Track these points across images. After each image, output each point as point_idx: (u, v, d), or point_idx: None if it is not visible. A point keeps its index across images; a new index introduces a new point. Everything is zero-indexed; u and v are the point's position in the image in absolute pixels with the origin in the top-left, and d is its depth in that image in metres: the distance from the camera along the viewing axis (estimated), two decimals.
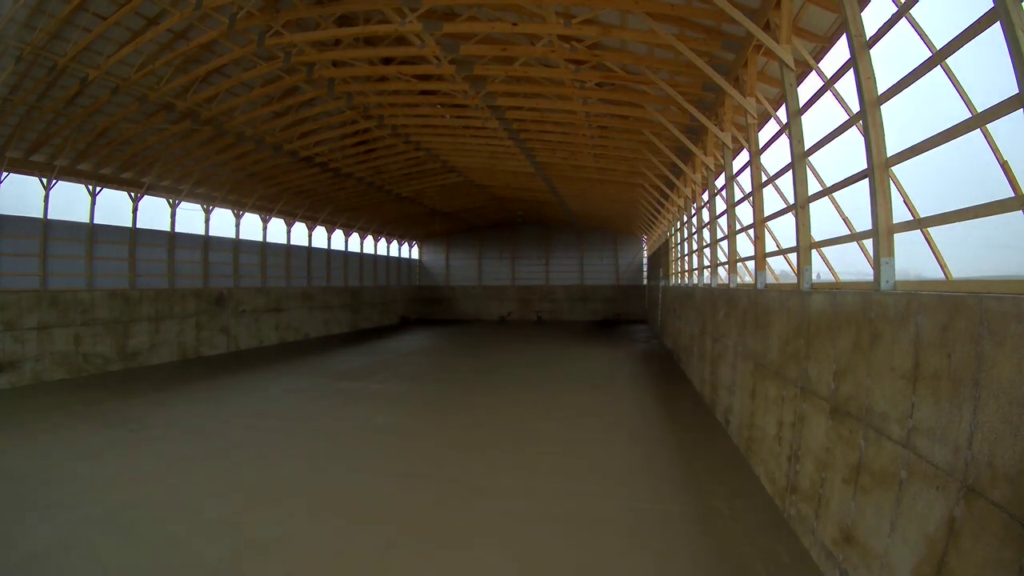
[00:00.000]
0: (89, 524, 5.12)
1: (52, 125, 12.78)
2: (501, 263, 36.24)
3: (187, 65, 11.29)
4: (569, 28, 8.46)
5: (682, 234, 16.82)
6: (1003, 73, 2.79)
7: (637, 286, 34.01)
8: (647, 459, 7.11)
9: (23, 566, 4.39)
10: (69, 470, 6.62)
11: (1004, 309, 2.54)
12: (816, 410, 4.65)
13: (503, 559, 4.55)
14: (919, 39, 4.02)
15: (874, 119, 4.11)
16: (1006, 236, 5.71)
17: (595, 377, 13.65)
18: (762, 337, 6.51)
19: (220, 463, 6.97)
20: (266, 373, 14.59)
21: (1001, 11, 2.81)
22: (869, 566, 3.48)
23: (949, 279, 4.07)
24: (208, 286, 19.15)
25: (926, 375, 3.10)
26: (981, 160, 3.42)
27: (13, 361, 12.23)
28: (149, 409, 9.97)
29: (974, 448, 2.66)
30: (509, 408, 10.17)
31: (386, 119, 14.85)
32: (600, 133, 13.86)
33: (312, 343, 22.21)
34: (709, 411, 9.53)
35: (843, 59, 5.15)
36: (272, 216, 22.44)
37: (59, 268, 14.76)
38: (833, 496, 4.16)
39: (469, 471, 6.68)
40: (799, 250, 5.78)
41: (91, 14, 9.47)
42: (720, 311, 9.31)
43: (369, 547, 4.77)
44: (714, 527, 5.07)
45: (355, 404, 10.62)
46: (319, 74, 11.53)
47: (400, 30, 9.09)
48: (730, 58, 7.87)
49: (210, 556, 4.57)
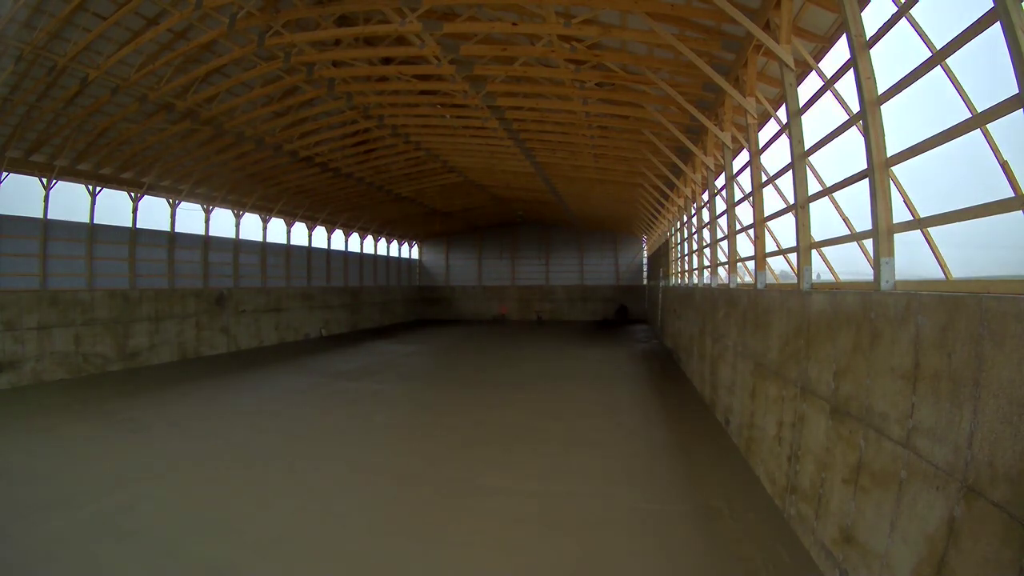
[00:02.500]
0: (89, 524, 5.12)
1: (52, 125, 12.78)
2: (501, 263, 36.23)
3: (187, 65, 11.28)
4: (569, 28, 8.46)
5: (682, 234, 16.82)
6: (1003, 73, 2.79)
7: (637, 286, 34.02)
8: (647, 459, 7.11)
9: (23, 566, 4.39)
10: (69, 470, 6.63)
11: (1004, 309, 2.54)
12: (816, 410, 4.65)
13: (503, 559, 4.55)
14: (919, 39, 4.02)
15: (874, 119, 4.11)
16: (1006, 236, 5.69)
17: (595, 377, 13.64)
18: (762, 337, 6.51)
19: (220, 463, 6.98)
20: (266, 373, 14.60)
21: (1001, 11, 2.81)
22: (869, 566, 3.48)
23: (949, 279, 4.07)
24: (208, 286, 19.15)
25: (926, 375, 3.10)
26: (981, 160, 3.42)
27: (13, 361, 12.24)
28: (149, 409, 9.98)
29: (974, 448, 2.66)
30: (508, 408, 10.16)
31: (386, 119, 14.85)
32: (600, 133, 13.85)
33: (312, 343, 22.22)
34: (709, 411, 9.53)
35: (843, 59, 5.15)
36: (272, 216, 22.44)
37: (59, 268, 14.73)
38: (833, 496, 4.16)
39: (468, 471, 6.68)
40: (799, 250, 5.79)
41: (91, 14, 9.47)
42: (720, 311, 9.31)
43: (369, 546, 4.77)
44: (714, 527, 5.07)
45: (355, 404, 10.62)
46: (319, 74, 11.53)
47: (400, 30, 9.09)
48: (730, 58, 7.87)
49: (210, 556, 4.57)
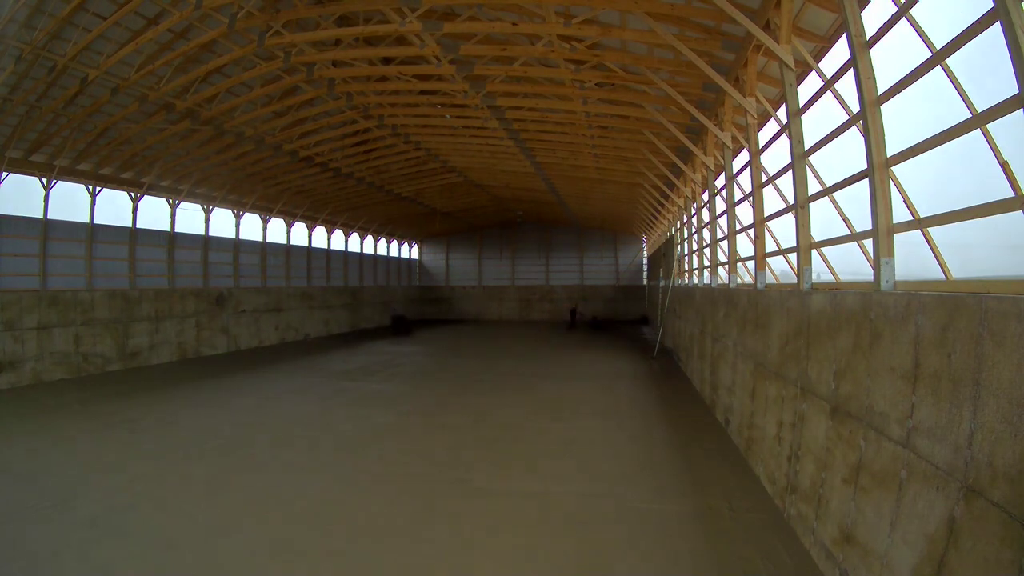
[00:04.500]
0: (89, 524, 5.12)
1: (52, 125, 12.78)
2: (501, 263, 36.24)
3: (187, 65, 11.29)
4: (569, 28, 8.46)
5: (682, 234, 16.82)
6: (1003, 73, 2.79)
7: (637, 286, 34.03)
8: (647, 459, 7.11)
9: (23, 566, 4.39)
10: (69, 470, 6.63)
11: (1004, 309, 2.54)
12: (816, 410, 4.65)
13: (503, 559, 4.55)
14: (919, 39, 4.02)
15: (874, 119, 4.11)
16: (1006, 236, 5.69)
17: (594, 377, 13.64)
18: (762, 337, 6.51)
19: (220, 463, 6.98)
20: (266, 373, 14.60)
21: (1001, 11, 2.81)
22: (869, 566, 3.48)
23: (949, 279, 4.06)
24: (208, 286, 19.15)
25: (926, 375, 3.10)
26: (981, 160, 3.42)
27: (13, 361, 12.24)
28: (149, 409, 9.98)
29: (974, 448, 2.66)
30: (507, 408, 10.16)
31: (386, 119, 14.85)
32: (600, 133, 13.86)
33: (312, 343, 22.22)
34: (709, 411, 9.53)
35: (843, 59, 5.15)
36: (272, 216, 22.44)
37: (59, 268, 14.74)
38: (833, 496, 4.16)
39: (468, 471, 6.68)
40: (799, 250, 5.79)
41: (91, 14, 9.47)
42: (720, 311, 9.31)
43: (369, 547, 4.77)
44: (714, 527, 5.07)
45: (355, 404, 10.62)
46: (319, 74, 11.53)
47: (400, 30, 9.10)
48: (730, 58, 7.87)
49: (209, 556, 4.57)
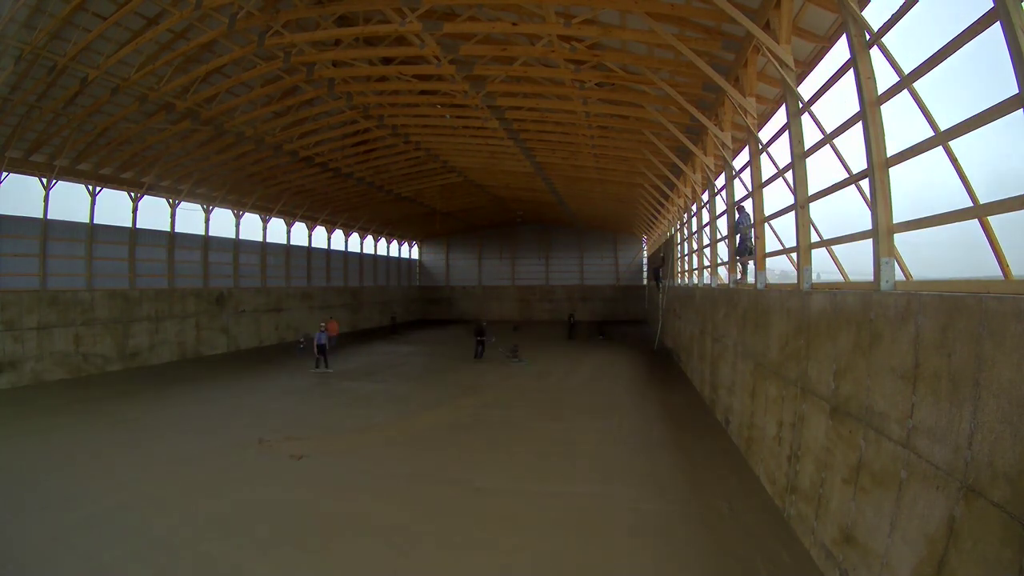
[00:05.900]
0: (89, 523, 5.12)
1: (52, 125, 12.78)
2: (501, 263, 36.25)
3: (187, 65, 11.28)
4: (569, 28, 8.46)
5: (682, 234, 16.82)
6: (1003, 73, 2.79)
7: (637, 286, 34.01)
8: (647, 459, 7.11)
9: (23, 565, 4.39)
10: (68, 470, 6.63)
11: (1004, 309, 2.54)
12: (816, 410, 4.65)
13: (503, 559, 4.55)
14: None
15: (874, 119, 4.11)
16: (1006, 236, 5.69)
17: (594, 378, 13.64)
18: (762, 337, 6.51)
19: (219, 463, 6.98)
20: (266, 372, 14.59)
21: (1001, 11, 2.81)
22: (869, 566, 3.48)
23: (950, 279, 4.06)
24: (208, 286, 19.14)
25: (926, 375, 3.10)
26: (981, 160, 3.41)
27: (13, 361, 12.24)
28: (148, 409, 9.98)
29: (974, 448, 2.66)
30: (507, 408, 10.16)
31: (386, 119, 14.85)
32: (600, 133, 13.85)
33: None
34: (709, 411, 9.53)
35: (843, 59, 5.15)
36: (272, 216, 22.43)
37: (59, 268, 14.73)
38: (833, 496, 4.16)
39: (468, 471, 6.68)
40: (799, 250, 5.78)
41: (91, 14, 9.47)
42: (720, 311, 9.30)
43: (370, 547, 4.77)
44: (714, 527, 5.07)
45: (354, 403, 10.62)
46: (319, 74, 11.53)
47: (400, 30, 9.09)
48: (730, 58, 7.86)
49: (208, 554, 4.57)
